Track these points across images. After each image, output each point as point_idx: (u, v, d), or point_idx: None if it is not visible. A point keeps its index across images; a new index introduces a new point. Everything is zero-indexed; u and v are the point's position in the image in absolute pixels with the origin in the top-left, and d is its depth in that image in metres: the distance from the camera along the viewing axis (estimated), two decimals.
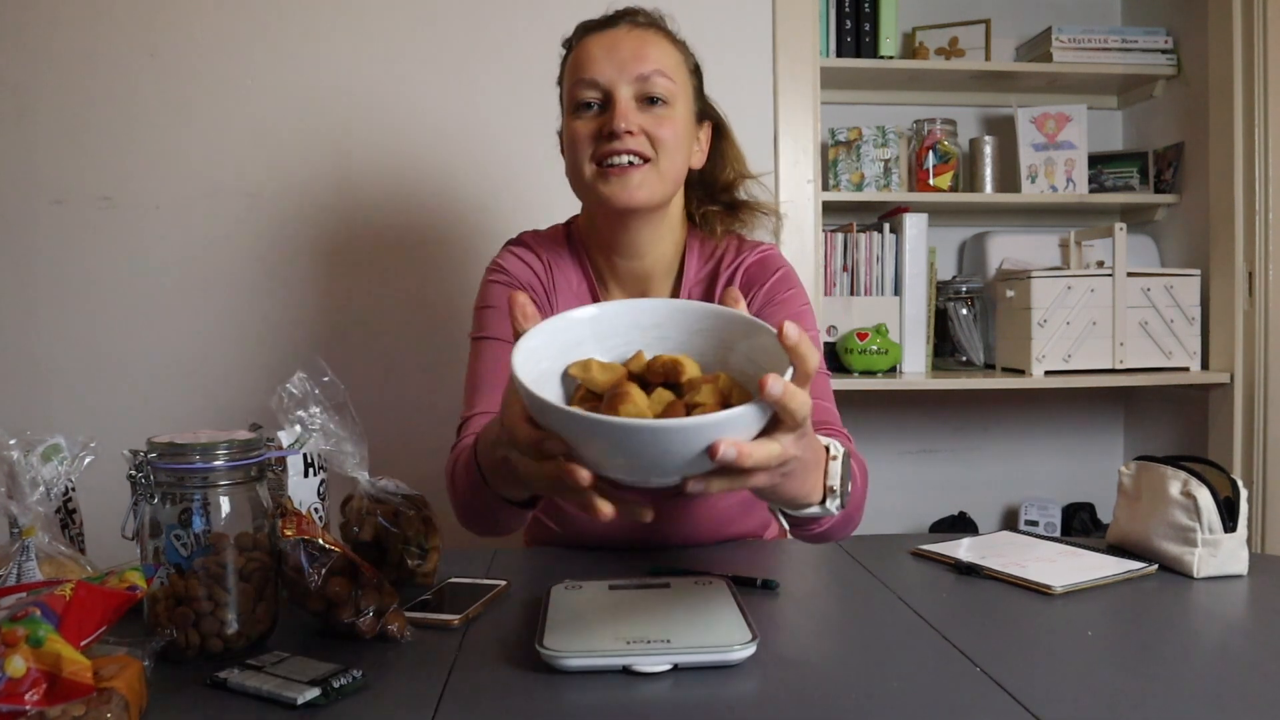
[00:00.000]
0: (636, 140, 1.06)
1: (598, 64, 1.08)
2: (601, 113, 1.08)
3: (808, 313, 1.17)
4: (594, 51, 1.09)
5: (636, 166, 1.07)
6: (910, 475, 2.50)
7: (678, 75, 1.11)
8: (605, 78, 1.07)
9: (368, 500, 1.05)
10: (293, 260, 1.86)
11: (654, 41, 1.11)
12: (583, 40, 1.12)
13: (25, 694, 0.64)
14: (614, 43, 1.09)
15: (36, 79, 1.81)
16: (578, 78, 1.09)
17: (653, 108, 1.08)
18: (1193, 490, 1.02)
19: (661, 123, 1.08)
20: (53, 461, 0.89)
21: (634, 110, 1.07)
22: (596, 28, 1.12)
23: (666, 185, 1.10)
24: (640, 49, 1.08)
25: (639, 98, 1.08)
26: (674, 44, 1.14)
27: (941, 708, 0.71)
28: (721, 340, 0.75)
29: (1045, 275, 2.06)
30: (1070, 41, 2.25)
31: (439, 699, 0.74)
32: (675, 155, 1.10)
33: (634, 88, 1.08)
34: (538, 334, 0.73)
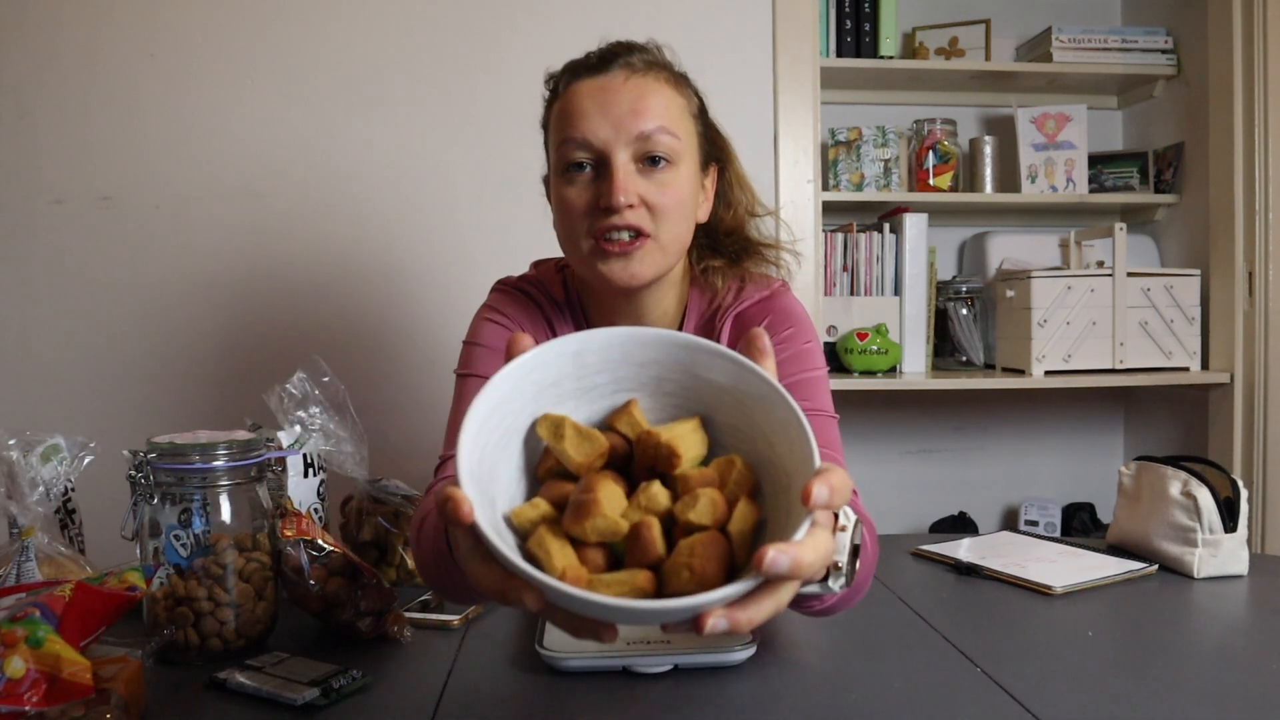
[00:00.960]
0: (636, 213, 0.93)
1: (590, 121, 0.92)
2: (596, 177, 0.94)
3: (811, 352, 1.02)
4: (585, 104, 0.93)
5: (637, 242, 0.93)
6: (910, 475, 2.50)
7: (682, 126, 0.96)
8: (599, 138, 0.92)
9: (368, 501, 1.05)
10: (293, 260, 1.86)
11: (654, 90, 0.94)
12: (571, 86, 0.95)
13: (25, 694, 0.64)
14: (608, 94, 0.93)
15: (36, 79, 1.81)
16: (567, 135, 0.93)
17: (654, 170, 0.93)
18: (1193, 490, 1.02)
19: (664, 189, 0.94)
20: (52, 462, 0.89)
21: (633, 176, 0.92)
22: (587, 72, 0.95)
23: (670, 257, 0.98)
24: (639, 101, 0.93)
25: (638, 158, 0.93)
26: (676, 87, 0.98)
27: (941, 708, 0.71)
28: (735, 397, 0.61)
29: (1045, 275, 2.06)
30: (1070, 41, 2.25)
31: (439, 699, 0.74)
32: (679, 224, 0.96)
33: (633, 149, 0.92)
34: (500, 384, 0.59)
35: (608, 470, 0.59)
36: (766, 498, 0.59)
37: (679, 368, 0.63)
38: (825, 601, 0.78)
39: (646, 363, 0.63)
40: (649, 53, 0.98)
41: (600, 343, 0.62)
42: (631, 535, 0.56)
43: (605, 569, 0.56)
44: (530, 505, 0.58)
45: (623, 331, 0.62)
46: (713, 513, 0.56)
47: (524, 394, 0.60)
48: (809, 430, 0.56)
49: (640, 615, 0.51)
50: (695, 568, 0.53)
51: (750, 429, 0.60)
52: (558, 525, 0.56)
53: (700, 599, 0.50)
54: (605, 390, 0.63)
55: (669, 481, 0.58)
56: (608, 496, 0.56)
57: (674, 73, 0.99)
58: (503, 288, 1.09)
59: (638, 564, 0.55)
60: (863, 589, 0.83)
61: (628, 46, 0.97)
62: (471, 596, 0.84)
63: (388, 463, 1.21)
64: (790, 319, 1.03)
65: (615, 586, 0.54)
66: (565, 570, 0.54)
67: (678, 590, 0.53)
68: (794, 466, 0.56)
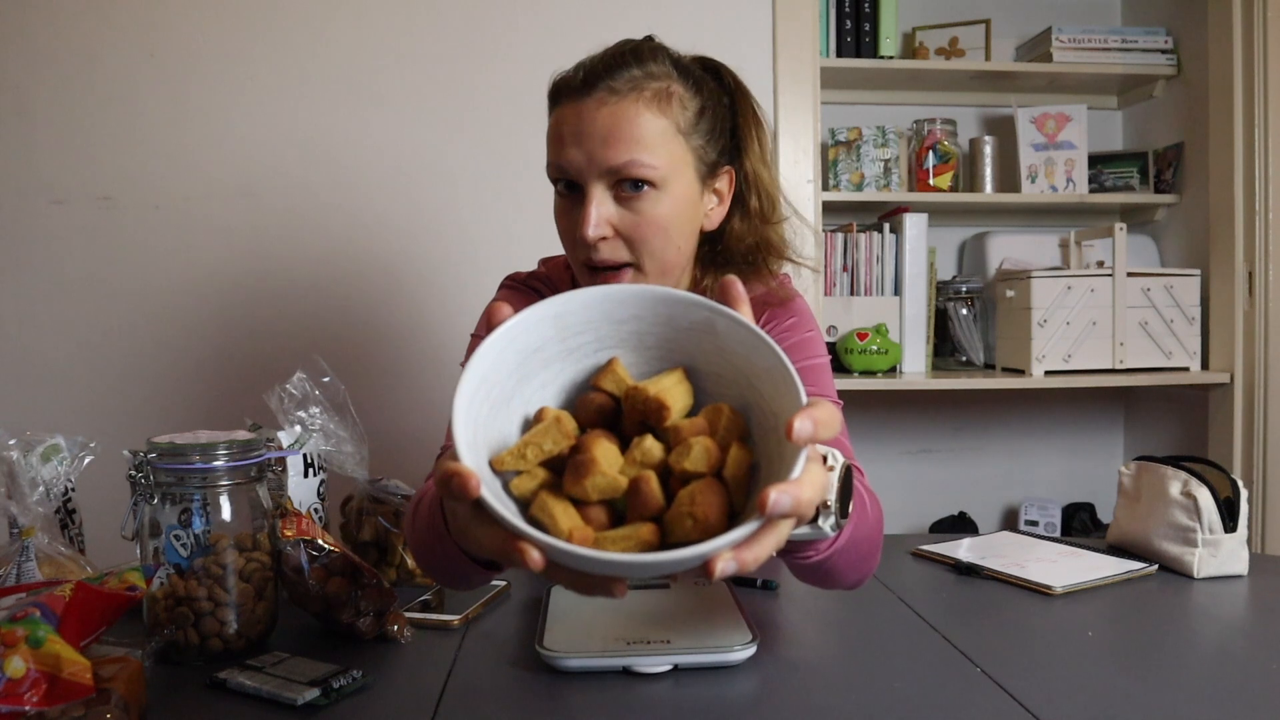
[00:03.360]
0: (610, 245, 0.92)
1: (566, 150, 0.90)
2: (575, 203, 0.92)
3: (813, 340, 1.02)
4: (564, 130, 0.91)
5: (621, 271, 0.93)
6: (910, 475, 2.50)
7: (662, 150, 0.90)
8: (574, 167, 0.90)
9: (368, 500, 1.05)
10: (293, 260, 1.86)
11: (630, 117, 0.89)
12: (558, 108, 0.93)
13: (25, 694, 0.64)
14: (582, 123, 0.90)
15: (36, 79, 1.81)
16: (550, 159, 0.93)
17: (635, 196, 0.90)
18: (1193, 490, 1.02)
19: (641, 218, 0.91)
20: (52, 462, 0.89)
21: (607, 205, 0.91)
22: (569, 94, 0.92)
23: (664, 279, 0.95)
24: (612, 131, 0.89)
25: (615, 186, 0.91)
26: (660, 106, 0.91)
27: (941, 708, 0.71)
28: (716, 345, 0.62)
29: (1045, 275, 2.06)
30: (1070, 41, 2.25)
31: (439, 699, 0.74)
32: (665, 248, 0.93)
33: (606, 179, 0.90)
34: (485, 356, 0.60)
35: (600, 429, 0.60)
36: (756, 441, 0.60)
37: (659, 321, 0.63)
38: (820, 551, 0.76)
39: (626, 319, 0.64)
40: (639, 65, 0.92)
41: (579, 303, 0.63)
42: (631, 490, 0.57)
43: (608, 526, 0.57)
44: (528, 475, 0.59)
45: (600, 290, 0.63)
46: (707, 460, 0.57)
47: (508, 363, 0.61)
48: (791, 369, 0.57)
49: (653, 567, 0.52)
50: (698, 515, 0.55)
51: (734, 375, 0.61)
52: (558, 488, 0.58)
53: (709, 545, 0.51)
54: (588, 350, 0.64)
55: (660, 434, 0.59)
56: (604, 455, 0.57)
57: (672, 84, 0.93)
58: (510, 284, 1.10)
59: (639, 518, 0.56)
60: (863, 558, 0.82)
61: (615, 62, 0.92)
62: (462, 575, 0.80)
63: (388, 463, 1.21)
64: (791, 309, 1.03)
65: (622, 542, 0.55)
66: (572, 531, 0.55)
67: (682, 539, 0.54)
68: (780, 407, 0.57)
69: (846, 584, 0.86)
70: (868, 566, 0.86)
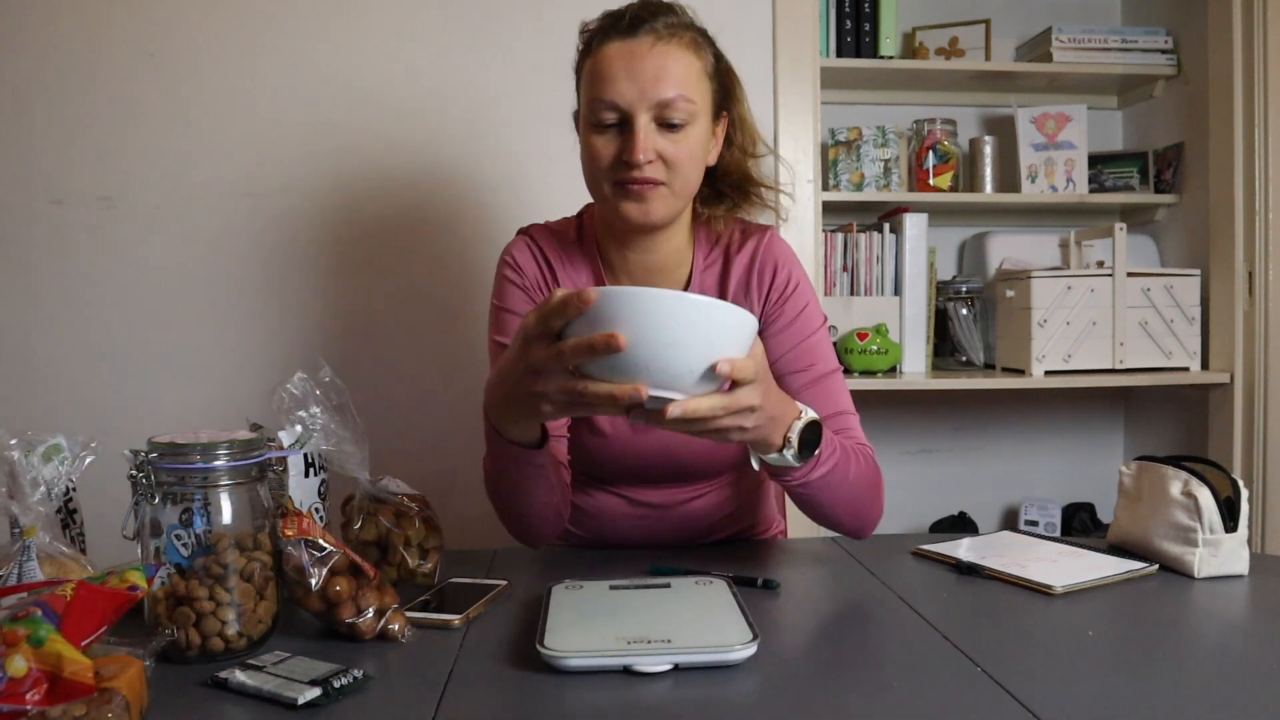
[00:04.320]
0: (653, 167, 1.06)
1: (618, 84, 1.04)
2: (620, 132, 1.06)
3: (812, 311, 1.21)
4: (614, 67, 1.04)
5: (652, 187, 1.07)
6: (910, 475, 2.50)
7: (698, 89, 1.07)
8: (625, 101, 1.04)
9: (369, 500, 1.05)
10: (293, 260, 1.86)
11: (676, 57, 1.05)
12: (603, 47, 1.06)
13: (26, 694, 0.64)
14: (635, 60, 1.03)
15: (36, 79, 1.81)
16: (595, 95, 1.05)
17: (671, 131, 1.06)
18: (1193, 490, 1.02)
19: (679, 146, 1.06)
20: (53, 461, 0.89)
21: (653, 135, 1.05)
22: (617, 34, 1.05)
23: (681, 201, 1.11)
24: (662, 69, 1.03)
25: (658, 119, 1.05)
26: (696, 50, 1.08)
27: (942, 708, 0.71)
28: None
29: (1045, 275, 2.06)
30: (1070, 41, 2.25)
31: (439, 699, 0.74)
32: (690, 173, 1.09)
33: (653, 112, 1.04)
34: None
35: None
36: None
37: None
38: (796, 478, 0.99)
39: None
40: (674, 14, 1.08)
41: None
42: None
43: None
44: None
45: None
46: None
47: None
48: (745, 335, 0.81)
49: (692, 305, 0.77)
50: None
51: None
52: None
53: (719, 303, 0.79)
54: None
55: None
56: None
57: (696, 34, 1.09)
58: (520, 235, 1.23)
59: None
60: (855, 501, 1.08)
61: (655, 8, 1.07)
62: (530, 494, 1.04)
63: (389, 463, 1.21)
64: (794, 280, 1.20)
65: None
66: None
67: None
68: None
69: (847, 527, 1.12)
70: (864, 511, 1.10)
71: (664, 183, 1.07)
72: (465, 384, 1.85)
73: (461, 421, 1.39)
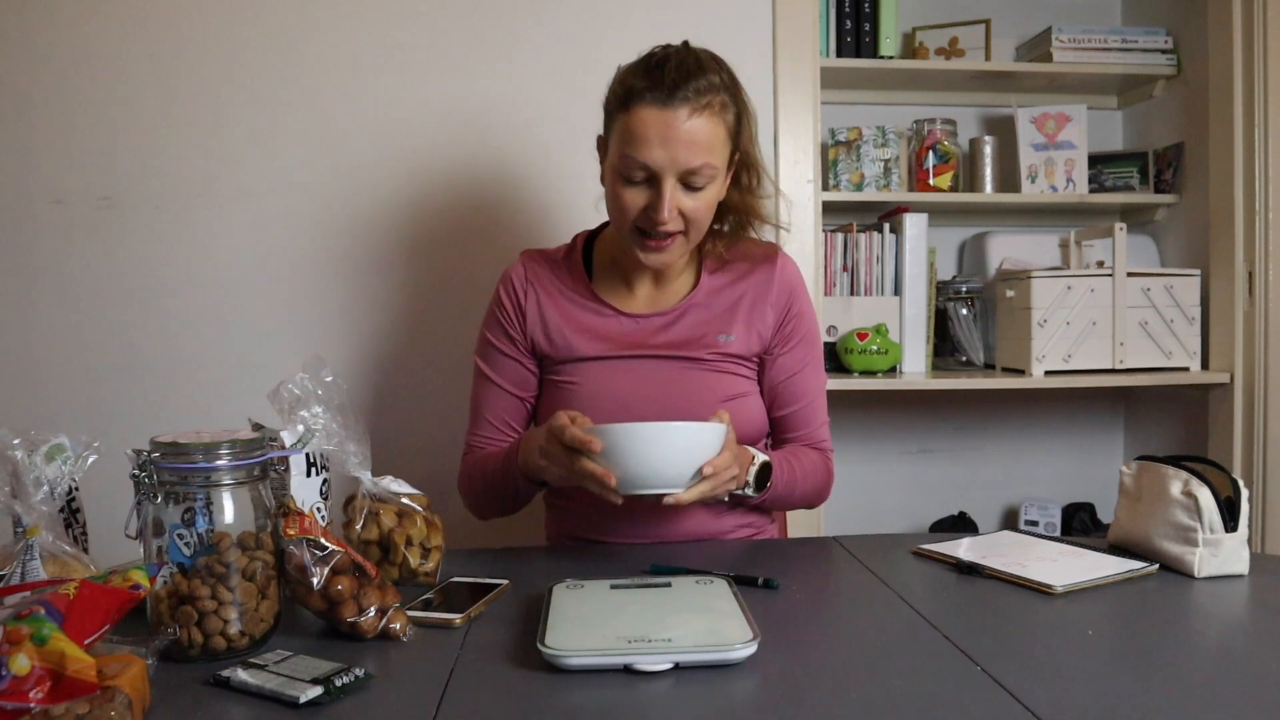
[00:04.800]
0: (674, 222, 1.17)
1: (651, 150, 1.12)
2: (647, 186, 1.16)
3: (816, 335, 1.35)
4: (650, 133, 1.12)
5: (670, 240, 1.19)
6: (910, 475, 2.50)
7: (721, 153, 1.17)
8: (656, 165, 1.13)
9: (370, 499, 1.05)
10: (293, 259, 1.86)
11: (708, 128, 1.13)
12: (638, 109, 1.13)
13: (30, 692, 0.64)
14: (669, 130, 1.12)
15: (36, 79, 1.81)
16: (627, 153, 1.14)
17: (693, 191, 1.16)
18: (1194, 490, 1.03)
19: (698, 203, 1.17)
20: (56, 461, 0.89)
21: (678, 195, 1.15)
22: (656, 99, 1.12)
23: (693, 245, 1.23)
24: (694, 140, 1.12)
25: (682, 182, 1.15)
26: (724, 114, 1.16)
27: (942, 707, 0.71)
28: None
29: (1045, 275, 2.06)
30: (1070, 41, 2.25)
31: (441, 698, 0.74)
32: (705, 223, 1.21)
33: (679, 176, 1.14)
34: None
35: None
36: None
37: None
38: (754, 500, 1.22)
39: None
40: (707, 74, 1.14)
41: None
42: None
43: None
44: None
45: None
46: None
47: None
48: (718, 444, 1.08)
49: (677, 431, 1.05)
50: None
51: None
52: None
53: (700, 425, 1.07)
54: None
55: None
56: None
57: (726, 95, 1.16)
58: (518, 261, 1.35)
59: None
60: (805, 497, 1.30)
61: (689, 73, 1.13)
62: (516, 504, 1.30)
63: (390, 462, 1.21)
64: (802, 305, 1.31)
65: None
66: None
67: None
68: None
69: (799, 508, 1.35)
70: (814, 498, 1.32)
71: (682, 233, 1.19)
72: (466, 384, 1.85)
73: (463, 421, 1.39)
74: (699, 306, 1.29)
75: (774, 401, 1.32)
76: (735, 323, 1.28)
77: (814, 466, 1.30)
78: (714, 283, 1.30)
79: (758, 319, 1.28)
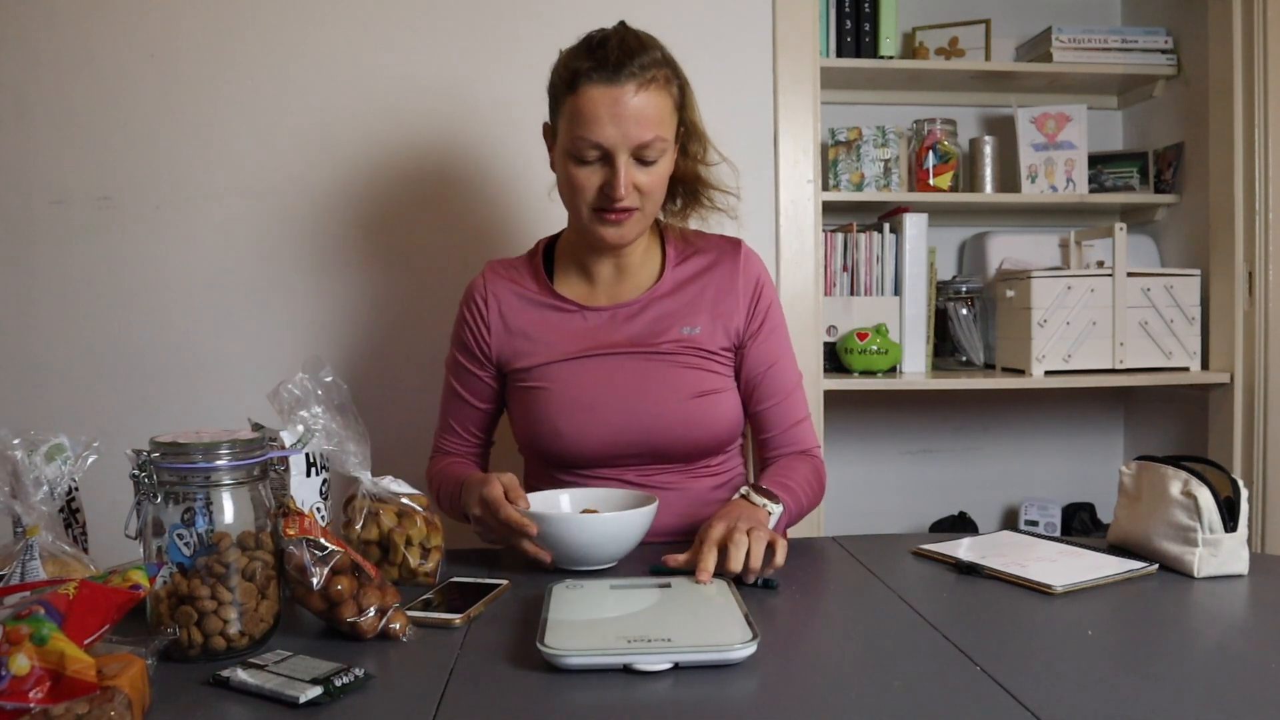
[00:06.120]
0: (631, 197, 1.18)
1: (601, 127, 1.14)
2: (600, 165, 1.17)
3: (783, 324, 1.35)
4: (599, 111, 1.13)
5: (628, 214, 1.20)
6: (910, 475, 2.50)
7: (669, 125, 1.19)
8: (609, 143, 1.15)
9: (370, 500, 1.05)
10: (293, 260, 1.86)
11: (654, 101, 1.15)
12: (585, 89, 1.14)
13: (29, 692, 0.64)
14: (618, 107, 1.13)
15: (36, 79, 1.81)
16: (579, 134, 1.15)
17: (646, 165, 1.18)
18: (1193, 490, 1.03)
19: (652, 177, 1.19)
20: (56, 461, 0.89)
21: (631, 170, 1.17)
22: (602, 77, 1.13)
23: (649, 220, 1.25)
24: (642, 115, 1.14)
25: (635, 157, 1.17)
26: (668, 88, 1.18)
27: (942, 707, 0.71)
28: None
29: (1045, 275, 2.07)
30: (1070, 41, 2.25)
31: (440, 698, 0.74)
32: (659, 196, 1.23)
33: (632, 151, 1.16)
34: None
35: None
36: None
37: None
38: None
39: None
40: (649, 51, 1.17)
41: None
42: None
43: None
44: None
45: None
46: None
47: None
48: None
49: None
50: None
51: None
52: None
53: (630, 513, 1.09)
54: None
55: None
56: None
57: (668, 69, 1.19)
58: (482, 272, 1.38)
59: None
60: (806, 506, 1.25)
61: (631, 50, 1.15)
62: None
63: (390, 462, 1.21)
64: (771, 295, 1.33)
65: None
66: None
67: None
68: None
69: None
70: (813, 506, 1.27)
71: (638, 208, 1.20)
72: None
73: None
74: (662, 299, 1.30)
75: (754, 395, 1.32)
76: (700, 314, 1.29)
77: (806, 480, 1.27)
78: (678, 275, 1.31)
79: (724, 311, 1.29)
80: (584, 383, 1.26)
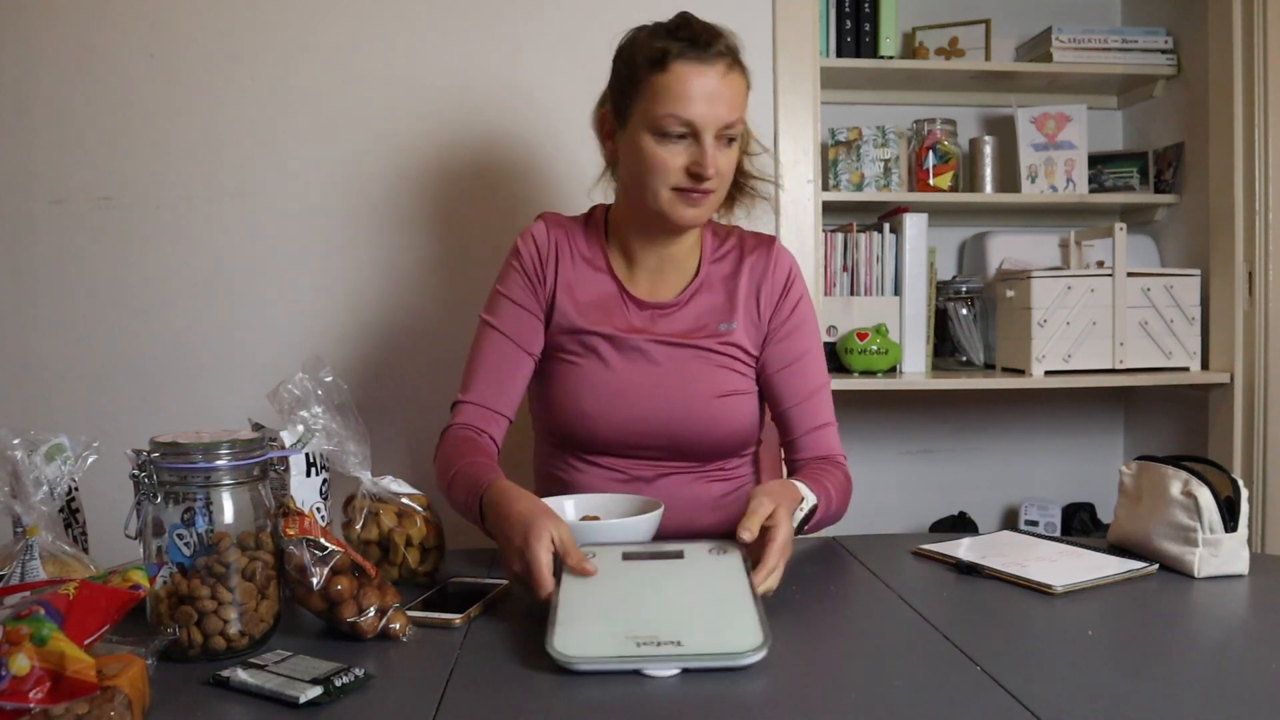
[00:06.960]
0: (717, 176, 1.18)
1: (695, 106, 1.14)
2: (685, 144, 1.16)
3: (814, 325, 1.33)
4: (692, 91, 1.14)
5: (707, 195, 1.19)
6: (910, 475, 2.50)
7: (745, 109, 1.20)
8: (701, 122, 1.14)
9: (370, 499, 1.05)
10: (293, 260, 1.86)
11: (738, 85, 1.18)
12: (677, 66, 1.14)
13: (29, 692, 0.64)
14: (713, 87, 1.14)
15: (35, 78, 1.81)
16: (670, 112, 1.14)
17: (726, 146, 1.18)
18: (1194, 490, 1.03)
19: (729, 159, 1.20)
20: (56, 461, 0.89)
21: (716, 151, 1.16)
22: (694, 58, 1.14)
23: (719, 204, 1.25)
24: (733, 98, 1.16)
25: (718, 138, 1.17)
26: (745, 75, 1.20)
27: (942, 707, 0.71)
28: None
29: (1045, 275, 2.06)
30: (1070, 41, 2.25)
31: (441, 698, 0.74)
32: (730, 180, 1.24)
33: (717, 131, 1.16)
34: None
35: None
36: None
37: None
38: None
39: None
40: (728, 38, 1.19)
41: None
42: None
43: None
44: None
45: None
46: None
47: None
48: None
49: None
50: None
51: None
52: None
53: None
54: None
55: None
56: None
57: (740, 59, 1.20)
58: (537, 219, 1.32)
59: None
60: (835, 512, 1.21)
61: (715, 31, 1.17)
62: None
63: (390, 462, 1.21)
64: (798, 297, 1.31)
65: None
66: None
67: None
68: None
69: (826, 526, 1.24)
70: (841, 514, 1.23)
71: (714, 190, 1.20)
72: None
73: None
74: (702, 293, 1.29)
75: (778, 392, 1.29)
76: (736, 311, 1.28)
77: (840, 488, 1.22)
78: (715, 270, 1.31)
79: (754, 306, 1.29)
80: (619, 367, 1.25)
